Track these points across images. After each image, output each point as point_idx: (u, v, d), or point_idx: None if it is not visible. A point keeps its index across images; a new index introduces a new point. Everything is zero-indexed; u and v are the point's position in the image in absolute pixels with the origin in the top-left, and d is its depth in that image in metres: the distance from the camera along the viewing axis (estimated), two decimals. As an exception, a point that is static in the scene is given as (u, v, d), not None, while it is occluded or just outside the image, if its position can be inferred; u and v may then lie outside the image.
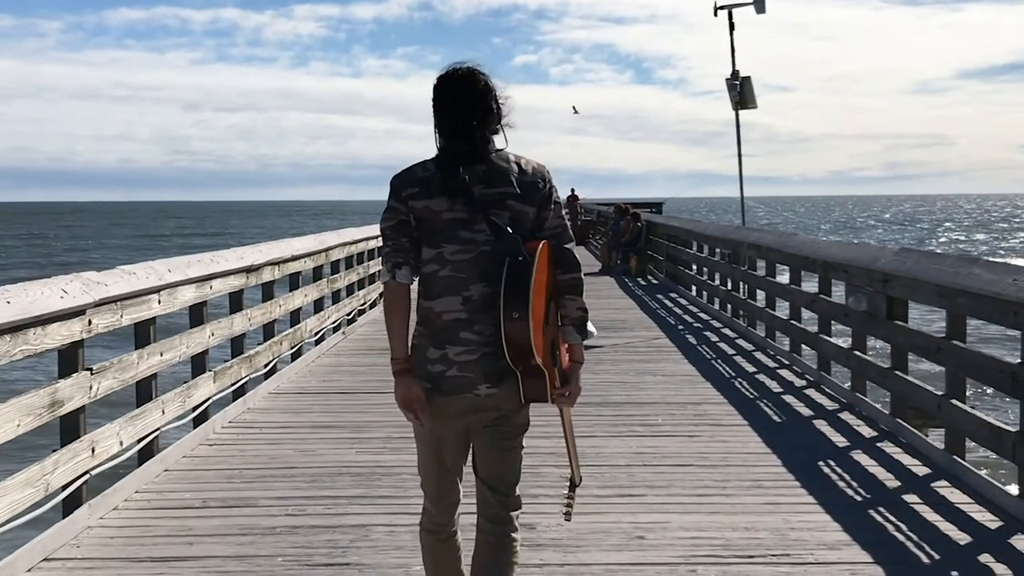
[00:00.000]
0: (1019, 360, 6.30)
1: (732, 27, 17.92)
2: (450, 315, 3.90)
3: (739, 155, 18.23)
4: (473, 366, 3.87)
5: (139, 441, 7.03)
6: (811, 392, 10.11)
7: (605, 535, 5.76)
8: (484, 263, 3.85)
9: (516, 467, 4.15)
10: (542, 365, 3.86)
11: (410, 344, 4.01)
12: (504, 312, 3.76)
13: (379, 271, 15.08)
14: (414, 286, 4.03)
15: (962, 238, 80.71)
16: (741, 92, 17.50)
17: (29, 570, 5.27)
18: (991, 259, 7.36)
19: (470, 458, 4.17)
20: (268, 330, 10.72)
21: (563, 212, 4.05)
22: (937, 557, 5.51)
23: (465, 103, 3.90)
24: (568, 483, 4.33)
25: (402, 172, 3.97)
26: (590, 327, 4.27)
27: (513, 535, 4.16)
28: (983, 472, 6.91)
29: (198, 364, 8.43)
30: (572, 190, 48.41)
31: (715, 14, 18.02)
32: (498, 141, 3.97)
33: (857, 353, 9.46)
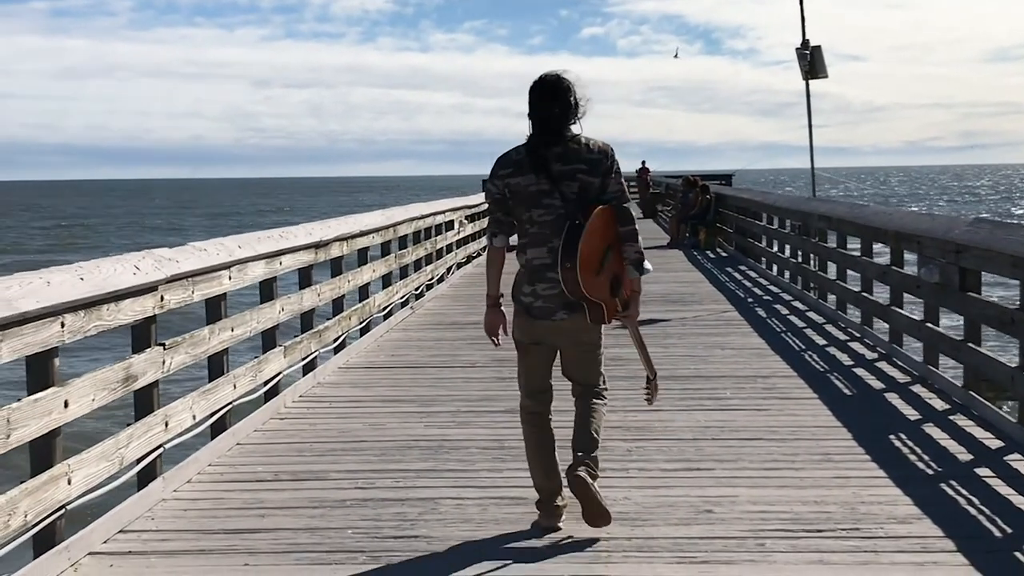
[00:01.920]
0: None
1: (802, -4, 17.68)
2: (538, 260, 5.33)
3: (809, 125, 18.03)
4: (554, 299, 5.32)
5: (211, 415, 7.13)
6: (882, 365, 10.00)
7: (672, 509, 5.75)
8: (561, 223, 5.25)
9: (593, 371, 5.55)
10: (597, 300, 5.26)
11: (513, 281, 5.42)
12: (561, 263, 5.19)
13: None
14: (514, 239, 5.44)
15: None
16: (811, 62, 17.28)
17: (105, 541, 5.38)
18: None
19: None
20: (337, 305, 10.81)
21: (622, 180, 5.40)
22: (1010, 531, 5.43)
23: (549, 101, 5.27)
24: (646, 379, 5.74)
25: (502, 156, 5.40)
26: (646, 264, 5.46)
27: (595, 400, 5.54)
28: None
29: (268, 339, 8.53)
30: (643, 163, 48.18)
31: (784, -17, 17.78)
32: (575, 129, 5.32)
33: (929, 325, 9.34)
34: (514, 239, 5.44)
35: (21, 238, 61.95)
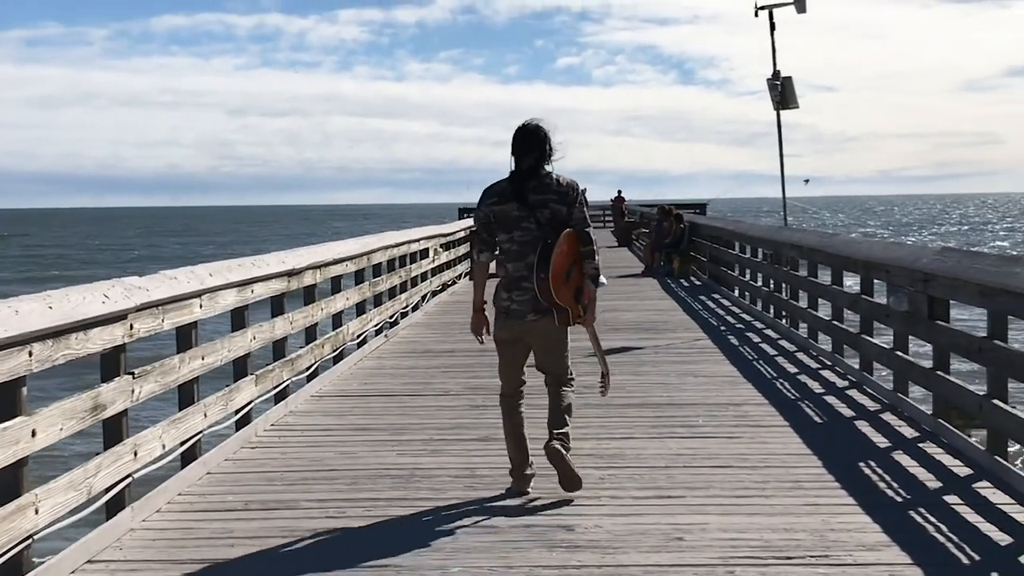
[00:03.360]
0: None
1: (773, 27, 17.80)
2: (516, 273, 6.56)
3: (781, 155, 18.10)
4: (527, 303, 6.55)
5: (181, 444, 7.10)
6: (853, 393, 10.05)
7: (643, 536, 5.76)
8: (535, 243, 6.49)
9: (561, 363, 6.70)
10: (564, 304, 6.50)
11: (494, 291, 6.60)
12: (536, 274, 6.43)
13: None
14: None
15: None
16: (782, 92, 17.38)
17: (73, 571, 5.34)
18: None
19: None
20: (310, 333, 10.79)
21: (584, 210, 6.62)
22: (978, 558, 5.47)
23: (529, 144, 6.52)
24: (601, 375, 6.92)
25: (488, 187, 6.64)
26: (601, 278, 6.68)
27: (564, 388, 6.69)
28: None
29: (240, 368, 8.51)
30: (619, 192, 48.38)
31: (756, 14, 17.91)
32: (548, 167, 6.55)
33: (899, 353, 9.40)
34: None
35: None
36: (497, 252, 6.63)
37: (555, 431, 6.52)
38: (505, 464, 6.81)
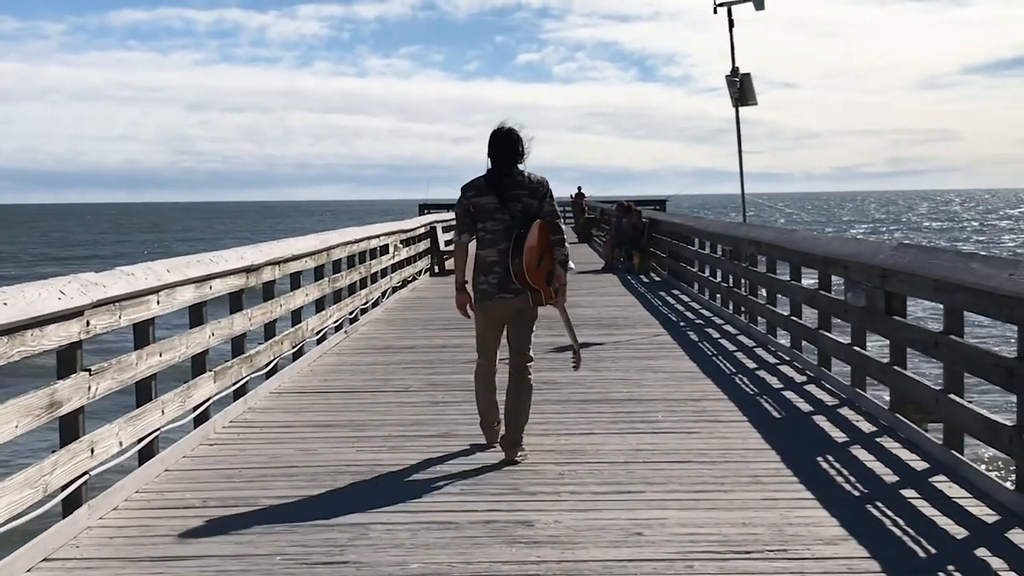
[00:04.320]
0: (1016, 355, 6.30)
1: (731, 24, 17.91)
2: (490, 258, 7.38)
3: (739, 152, 18.22)
4: (498, 284, 7.37)
5: (139, 441, 7.05)
6: (811, 388, 10.12)
7: (602, 532, 5.78)
8: (508, 233, 7.32)
9: (526, 338, 7.56)
10: (536, 287, 7.32)
11: (472, 275, 7.46)
12: (511, 260, 7.27)
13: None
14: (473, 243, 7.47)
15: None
16: (741, 89, 17.48)
17: (29, 570, 5.29)
18: (988, 254, 7.35)
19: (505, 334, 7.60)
20: (269, 330, 10.73)
21: (554, 203, 7.48)
22: (934, 552, 5.52)
23: (504, 146, 7.37)
24: (572, 350, 7.87)
25: (467, 183, 7.44)
26: (570, 264, 7.57)
27: (527, 374, 7.55)
28: (981, 467, 6.92)
29: (198, 364, 8.45)
30: (579, 188, 48.46)
31: (715, 11, 18.00)
32: (520, 166, 7.41)
33: (856, 349, 9.47)
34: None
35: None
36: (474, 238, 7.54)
37: (514, 438, 7.38)
38: (465, 460, 7.01)
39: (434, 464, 7.27)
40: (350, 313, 14.97)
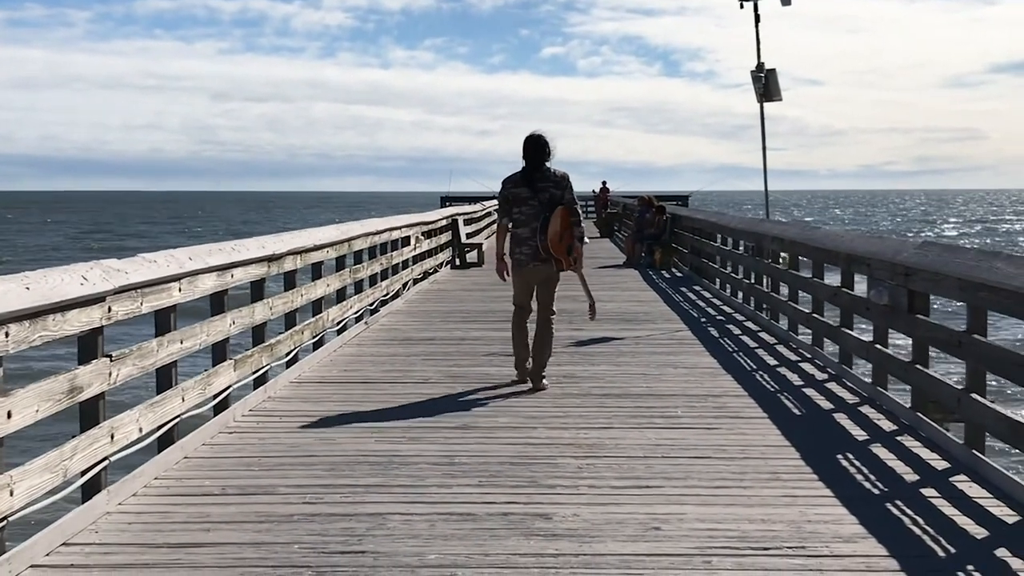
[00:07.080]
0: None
1: (758, 19, 17.85)
2: (524, 235, 9.73)
3: (763, 148, 18.16)
4: (530, 255, 9.73)
5: (159, 428, 7.07)
6: (832, 385, 10.08)
7: (621, 526, 5.76)
8: (537, 216, 9.66)
9: (551, 297, 9.91)
10: (558, 256, 9.65)
11: (509, 247, 9.84)
12: (539, 236, 9.62)
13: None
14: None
15: None
16: (766, 85, 17.42)
17: (48, 554, 5.31)
18: (1013, 253, 7.29)
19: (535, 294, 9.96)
20: (290, 319, 10.76)
21: (574, 193, 9.81)
22: (954, 551, 5.49)
23: (534, 149, 9.72)
24: (589, 304, 10.40)
25: (507, 177, 9.83)
26: (585, 239, 9.88)
27: (550, 324, 9.90)
28: (1002, 466, 6.88)
29: (219, 352, 8.47)
30: (603, 183, 48.50)
31: (741, 6, 17.95)
32: (548, 163, 9.72)
33: (878, 347, 9.42)
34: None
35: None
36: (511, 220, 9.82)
37: (539, 370, 9.74)
38: (483, 452, 7.07)
39: (453, 455, 7.26)
40: (371, 304, 14.99)
